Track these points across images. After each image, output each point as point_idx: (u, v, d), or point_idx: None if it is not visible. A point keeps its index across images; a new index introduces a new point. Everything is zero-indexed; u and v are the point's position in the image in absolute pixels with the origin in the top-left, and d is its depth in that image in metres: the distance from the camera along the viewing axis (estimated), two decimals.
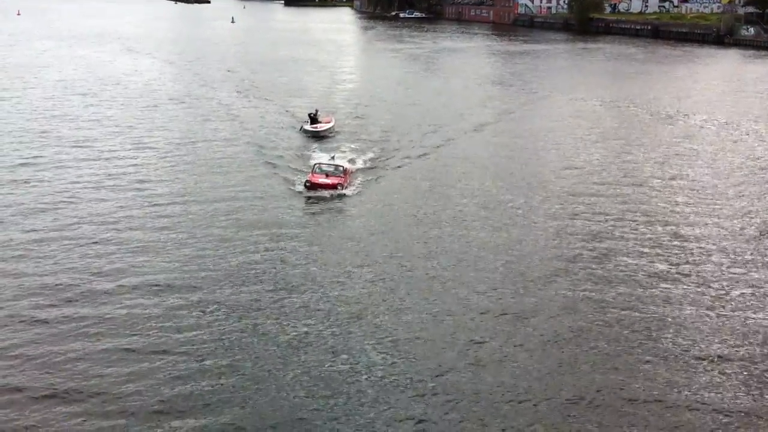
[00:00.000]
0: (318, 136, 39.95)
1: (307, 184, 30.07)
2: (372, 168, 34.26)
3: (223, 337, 18.56)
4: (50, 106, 47.70)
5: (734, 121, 48.49)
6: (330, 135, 40.57)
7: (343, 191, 29.99)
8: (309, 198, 29.58)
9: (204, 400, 15.99)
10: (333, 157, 33.69)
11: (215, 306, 20.11)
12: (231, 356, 17.70)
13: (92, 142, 37.90)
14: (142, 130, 41.05)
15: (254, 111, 48.14)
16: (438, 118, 46.50)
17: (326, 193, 29.74)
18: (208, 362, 17.41)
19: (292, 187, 30.68)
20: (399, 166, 34.75)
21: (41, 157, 34.74)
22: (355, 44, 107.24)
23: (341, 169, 31.50)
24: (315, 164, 31.95)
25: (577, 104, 54.29)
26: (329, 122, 41.58)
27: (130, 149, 36.61)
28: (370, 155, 36.43)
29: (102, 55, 77.61)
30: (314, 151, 36.67)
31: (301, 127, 41.05)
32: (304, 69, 70.96)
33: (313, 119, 40.90)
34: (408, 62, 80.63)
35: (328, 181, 30.31)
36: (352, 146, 38.20)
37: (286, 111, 47.58)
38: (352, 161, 34.77)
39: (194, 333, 18.63)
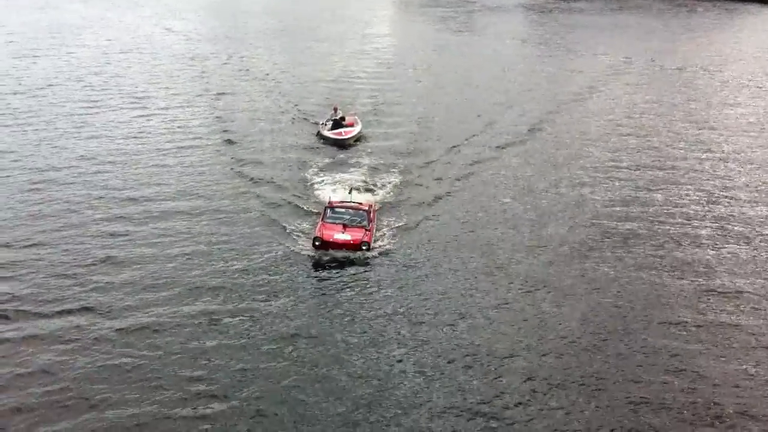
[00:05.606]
0: (343, 146, 29.52)
1: (317, 242, 19.93)
2: (406, 199, 24.13)
3: None
4: (84, 65, 43.94)
5: None
6: (356, 143, 30.11)
7: (368, 251, 19.94)
8: (318, 263, 19.62)
9: None
10: (351, 191, 23.05)
11: None
12: None
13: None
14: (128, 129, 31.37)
15: (262, 100, 37.71)
16: (489, 110, 35.86)
17: (344, 254, 19.79)
18: None
19: (298, 246, 20.51)
20: (441, 196, 24.59)
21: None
22: (390, 13, 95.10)
23: (363, 213, 21.18)
24: (327, 206, 21.48)
25: (632, 69, 43.48)
26: (354, 125, 30.74)
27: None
28: (404, 174, 26.17)
29: (138, 20, 67.73)
30: (326, 171, 26.51)
31: (318, 131, 30.73)
32: (334, 41, 59.86)
33: (336, 123, 30.53)
34: (446, 23, 68.84)
35: (347, 236, 20.07)
36: (381, 161, 27.86)
37: (297, 106, 36.51)
38: (377, 191, 24.49)
39: None
